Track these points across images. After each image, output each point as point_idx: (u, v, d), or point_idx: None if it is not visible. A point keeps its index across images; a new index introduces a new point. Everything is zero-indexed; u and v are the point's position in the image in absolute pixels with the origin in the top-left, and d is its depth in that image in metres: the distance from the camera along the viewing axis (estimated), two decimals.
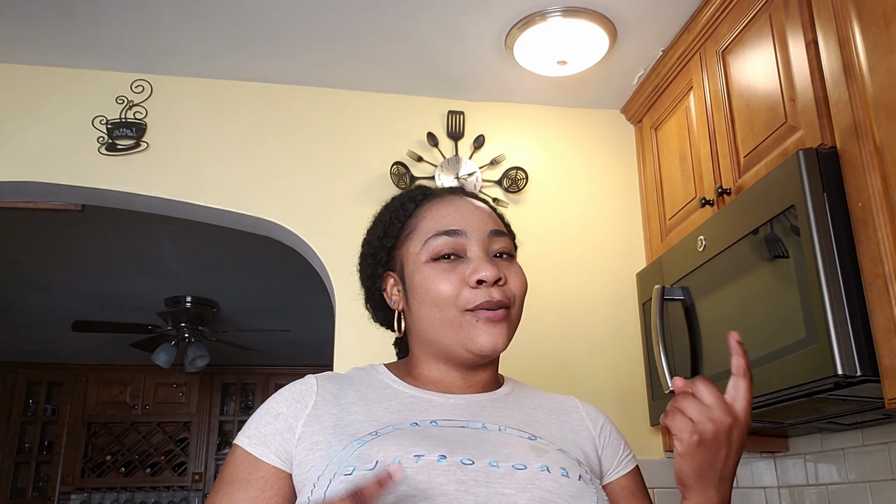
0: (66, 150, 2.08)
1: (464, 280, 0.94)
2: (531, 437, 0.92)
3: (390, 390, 0.97)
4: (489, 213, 1.03)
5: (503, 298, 0.94)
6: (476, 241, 0.97)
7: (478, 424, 0.92)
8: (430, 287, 0.96)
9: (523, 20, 1.92)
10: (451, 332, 0.95)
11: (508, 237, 1.03)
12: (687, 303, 1.79)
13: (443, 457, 0.81)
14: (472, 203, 1.03)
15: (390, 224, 1.05)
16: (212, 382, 6.10)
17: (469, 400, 0.97)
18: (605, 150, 2.34)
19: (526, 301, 1.01)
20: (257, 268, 3.96)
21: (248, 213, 2.11)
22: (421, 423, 0.90)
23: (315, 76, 2.21)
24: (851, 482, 1.83)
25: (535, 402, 1.02)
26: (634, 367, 2.10)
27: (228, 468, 0.92)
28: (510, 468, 0.83)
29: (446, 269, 0.95)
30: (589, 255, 2.22)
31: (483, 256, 0.96)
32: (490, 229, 0.99)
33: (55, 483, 5.71)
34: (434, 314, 0.96)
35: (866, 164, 1.29)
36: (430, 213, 1.01)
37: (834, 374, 1.26)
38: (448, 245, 0.97)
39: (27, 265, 3.90)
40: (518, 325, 1.00)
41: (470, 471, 0.81)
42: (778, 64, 1.57)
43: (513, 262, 1.01)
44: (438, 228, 0.99)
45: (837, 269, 1.30)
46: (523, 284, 0.99)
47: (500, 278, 0.95)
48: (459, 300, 0.94)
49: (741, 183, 1.69)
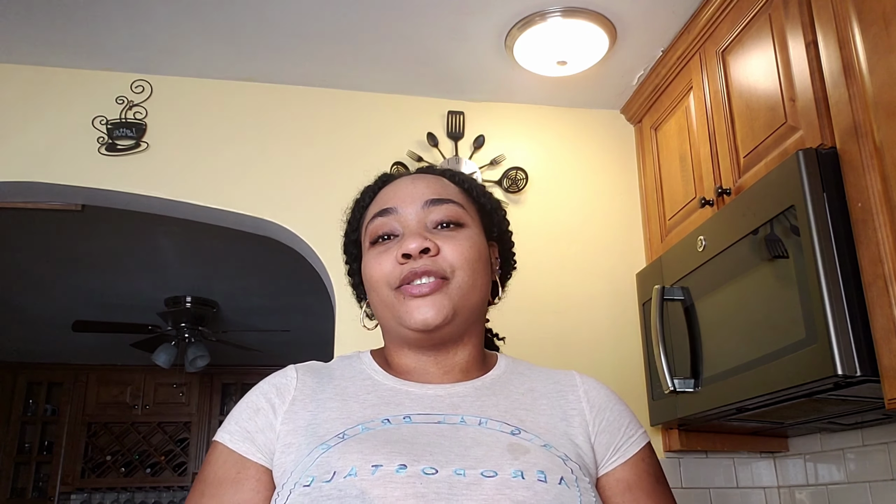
0: (66, 150, 2.08)
1: (395, 259, 0.90)
2: (514, 431, 0.86)
3: (370, 382, 0.93)
4: (432, 181, 0.98)
5: (430, 268, 0.88)
6: (409, 215, 0.93)
7: (456, 419, 0.87)
8: (367, 273, 0.94)
9: (523, 20, 1.92)
10: (389, 313, 0.92)
11: (454, 204, 0.95)
12: (687, 303, 1.79)
13: (403, 466, 0.76)
14: (413, 177, 0.99)
15: (352, 217, 1.04)
16: (212, 382, 6.09)
17: (449, 391, 0.91)
18: (605, 150, 2.34)
19: (526, 301, 1.00)
20: (257, 268, 3.96)
21: (248, 213, 2.11)
22: (393, 420, 0.86)
23: (315, 76, 2.21)
24: (851, 482, 1.83)
25: (527, 385, 0.95)
26: (634, 367, 2.10)
27: (211, 467, 0.87)
28: (478, 476, 0.77)
29: (380, 251, 0.92)
30: (589, 255, 2.22)
31: (412, 229, 0.91)
32: (426, 199, 0.94)
33: (55, 483, 5.71)
34: (375, 298, 0.94)
35: (866, 164, 1.29)
36: (377, 199, 0.99)
37: (834, 374, 1.26)
38: (382, 225, 0.94)
39: (27, 265, 3.90)
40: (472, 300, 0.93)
41: (431, 482, 0.75)
42: (778, 64, 1.57)
43: (459, 230, 0.93)
44: (374, 211, 0.96)
45: (837, 270, 1.30)
46: (464, 251, 0.91)
47: (429, 248, 0.89)
48: (390, 279, 0.90)
49: (741, 183, 1.69)
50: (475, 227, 0.96)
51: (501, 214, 1.06)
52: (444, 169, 1.04)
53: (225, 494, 0.84)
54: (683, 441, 2.00)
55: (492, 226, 1.02)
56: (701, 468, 2.08)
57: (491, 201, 1.03)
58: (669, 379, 1.74)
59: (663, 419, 1.92)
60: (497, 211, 1.04)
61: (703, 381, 1.70)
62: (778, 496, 2.09)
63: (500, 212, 1.05)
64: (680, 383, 1.74)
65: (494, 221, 1.03)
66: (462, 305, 0.90)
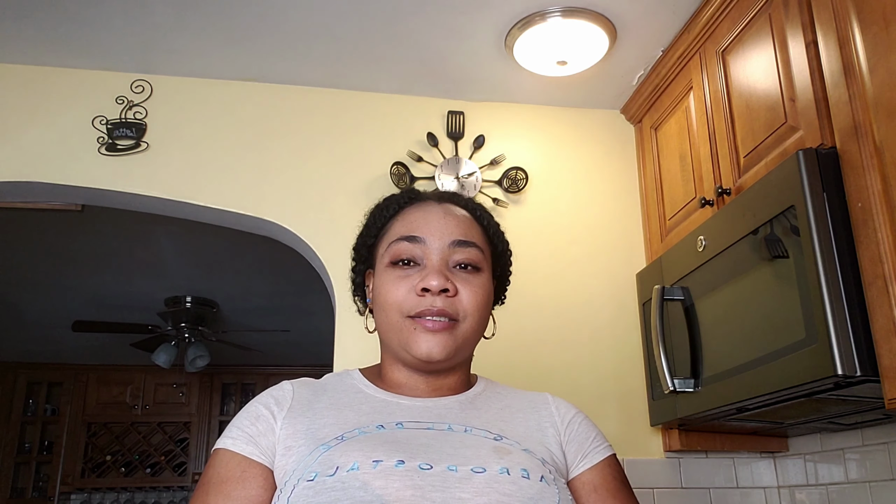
0: (66, 150, 2.08)
1: (413, 288, 0.96)
2: (497, 438, 0.93)
3: (361, 395, 0.99)
4: (461, 220, 1.02)
5: (447, 309, 0.95)
6: (435, 249, 0.98)
7: (443, 426, 0.94)
8: (382, 291, 0.99)
9: (523, 20, 1.92)
10: (395, 337, 0.98)
11: (476, 248, 1.01)
12: (687, 303, 1.79)
13: (401, 462, 0.83)
14: (443, 209, 1.03)
15: (373, 223, 1.07)
16: (212, 382, 6.09)
17: (436, 403, 0.99)
18: (605, 150, 2.34)
19: (526, 301, 1.02)
20: (257, 268, 3.96)
21: (248, 213, 2.11)
22: (387, 426, 0.92)
23: (315, 76, 2.21)
24: (851, 482, 1.83)
25: (504, 402, 1.03)
26: (634, 367, 2.10)
27: (214, 469, 0.89)
28: (469, 472, 0.84)
29: (400, 276, 0.97)
30: (589, 255, 2.22)
31: (436, 266, 0.96)
32: (454, 238, 0.99)
33: (55, 483, 5.71)
34: (383, 317, 0.99)
35: (866, 164, 1.29)
36: (403, 217, 1.03)
37: (834, 375, 1.26)
38: (406, 251, 0.98)
39: (27, 265, 3.90)
40: (473, 342, 1.01)
41: (427, 476, 0.82)
42: (778, 64, 1.57)
43: (475, 275, 0.99)
44: (402, 233, 1.00)
45: (837, 270, 1.30)
46: (478, 299, 0.98)
47: (448, 289, 0.95)
48: (404, 306, 0.96)
49: (741, 183, 1.69)
50: (488, 272, 1.02)
51: (508, 256, 1.12)
52: (470, 201, 1.09)
53: (233, 490, 0.86)
54: (683, 441, 2.00)
55: (497, 266, 1.08)
56: (701, 468, 2.08)
57: (503, 242, 1.10)
58: (669, 379, 1.74)
59: (663, 419, 1.92)
60: (506, 254, 1.10)
61: (703, 381, 1.70)
62: (778, 496, 2.09)
63: (508, 253, 1.11)
64: (680, 383, 1.74)
65: (501, 263, 1.09)
66: (463, 346, 0.98)
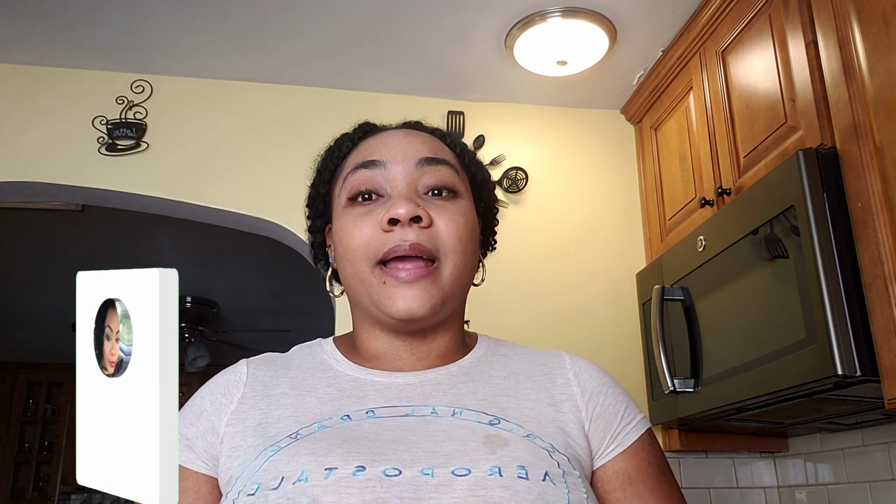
0: (66, 150, 2.08)
1: (378, 223, 0.77)
2: (492, 421, 0.74)
3: (330, 373, 0.81)
4: (426, 138, 0.85)
5: (423, 243, 0.76)
6: (399, 173, 0.79)
7: (426, 410, 0.75)
8: (342, 235, 0.80)
9: (523, 20, 1.92)
10: (364, 292, 0.78)
11: (449, 167, 0.82)
12: (687, 303, 1.79)
13: (360, 469, 0.66)
14: (404, 130, 0.86)
15: (325, 167, 0.90)
16: None
17: (421, 378, 0.79)
18: (605, 150, 2.34)
19: (525, 301, 0.95)
20: (257, 268, 3.96)
21: (247, 213, 2.11)
22: (354, 416, 0.75)
23: (315, 76, 2.21)
24: (851, 482, 1.83)
25: (509, 368, 0.83)
26: (634, 367, 2.10)
27: None
28: (448, 475, 0.66)
29: (361, 213, 0.79)
30: (589, 255, 2.22)
31: (403, 191, 0.78)
32: (420, 157, 0.81)
33: (55, 483, 5.72)
34: (349, 270, 0.79)
35: (866, 164, 1.29)
36: (358, 149, 0.85)
37: (834, 375, 1.26)
38: (365, 180, 0.80)
39: (27, 265, 3.90)
40: (462, 287, 0.81)
41: (394, 485, 0.65)
42: (778, 64, 1.57)
43: (453, 201, 0.80)
44: (356, 161, 0.83)
45: (837, 270, 1.30)
46: (459, 229, 0.79)
47: (420, 216, 0.76)
48: (370, 248, 0.77)
49: (741, 183, 1.69)
50: (468, 200, 0.84)
51: (491, 187, 0.93)
52: (435, 128, 0.90)
53: None
54: (683, 441, 2.00)
55: (480, 200, 0.89)
56: (701, 468, 2.08)
57: (483, 172, 0.91)
58: (669, 379, 1.74)
59: (663, 419, 1.92)
60: (488, 183, 0.92)
61: (703, 381, 1.70)
62: (778, 496, 2.09)
63: (491, 184, 0.93)
64: (680, 383, 1.74)
65: (483, 195, 0.90)
66: (451, 293, 0.79)
